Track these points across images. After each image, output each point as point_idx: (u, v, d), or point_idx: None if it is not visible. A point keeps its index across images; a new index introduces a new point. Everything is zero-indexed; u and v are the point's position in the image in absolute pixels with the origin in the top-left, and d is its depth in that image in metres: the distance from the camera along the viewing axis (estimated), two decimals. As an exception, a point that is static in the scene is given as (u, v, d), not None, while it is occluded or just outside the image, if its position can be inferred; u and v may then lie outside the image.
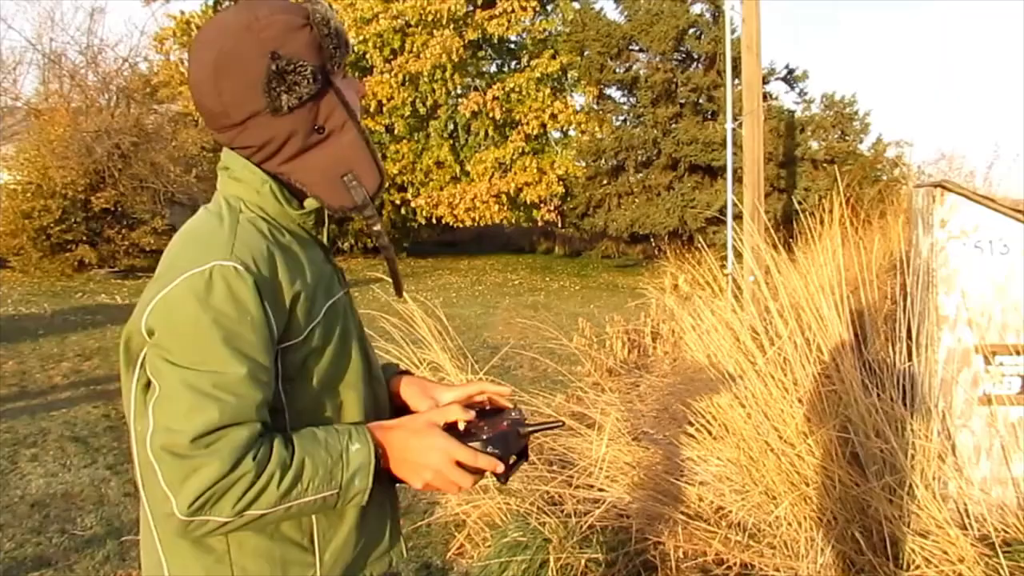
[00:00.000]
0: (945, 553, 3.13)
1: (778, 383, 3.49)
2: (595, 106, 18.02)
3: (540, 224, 19.63)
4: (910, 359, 3.65)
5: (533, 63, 18.31)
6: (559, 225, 19.13)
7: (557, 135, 19.21)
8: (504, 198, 18.28)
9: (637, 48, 16.92)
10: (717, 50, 15.68)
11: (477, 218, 18.55)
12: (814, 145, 15.70)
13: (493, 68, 20.32)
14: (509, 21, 17.85)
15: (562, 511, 3.77)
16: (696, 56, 16.52)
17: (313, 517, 1.20)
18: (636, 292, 13.45)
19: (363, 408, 1.28)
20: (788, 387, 3.50)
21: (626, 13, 17.11)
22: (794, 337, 3.58)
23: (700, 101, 16.37)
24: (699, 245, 16.34)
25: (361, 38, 18.07)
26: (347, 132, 1.21)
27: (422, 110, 18.68)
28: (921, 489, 3.25)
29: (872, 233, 6.94)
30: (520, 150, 18.24)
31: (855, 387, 3.45)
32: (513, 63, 20.16)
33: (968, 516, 3.38)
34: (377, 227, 1.28)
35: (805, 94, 16.44)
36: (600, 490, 3.88)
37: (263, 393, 1.11)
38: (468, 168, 18.79)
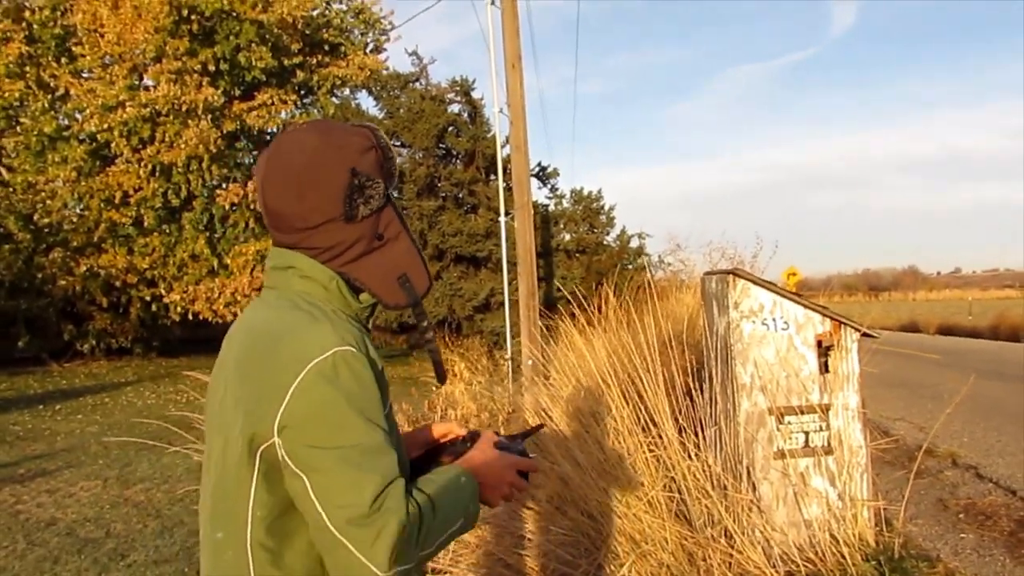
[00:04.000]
0: (764, 590, 3.60)
1: (616, 450, 3.86)
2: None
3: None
4: (715, 423, 4.19)
5: (295, 156, 18.26)
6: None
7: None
8: (267, 291, 17.81)
9: (399, 143, 17.54)
10: (476, 147, 16.70)
11: (239, 313, 17.82)
12: (567, 237, 17.04)
13: (250, 160, 20.01)
14: (269, 114, 17.77)
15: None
16: (455, 153, 17.42)
17: None
18: (410, 381, 13.66)
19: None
20: (622, 455, 3.88)
21: (386, 110, 17.73)
22: (620, 410, 3.99)
23: (461, 195, 17.22)
24: (468, 332, 16.88)
25: (105, 126, 17.05)
26: (402, 240, 1.38)
27: (175, 201, 17.86)
28: (739, 536, 3.73)
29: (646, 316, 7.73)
30: (283, 242, 17.95)
31: (677, 451, 3.90)
32: (272, 155, 19.98)
33: (773, 556, 3.90)
34: (425, 323, 1.43)
35: (557, 189, 17.90)
36: (445, 573, 4.00)
37: (395, 452, 1.24)
38: (227, 261, 18.13)
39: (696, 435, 4.02)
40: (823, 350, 4.13)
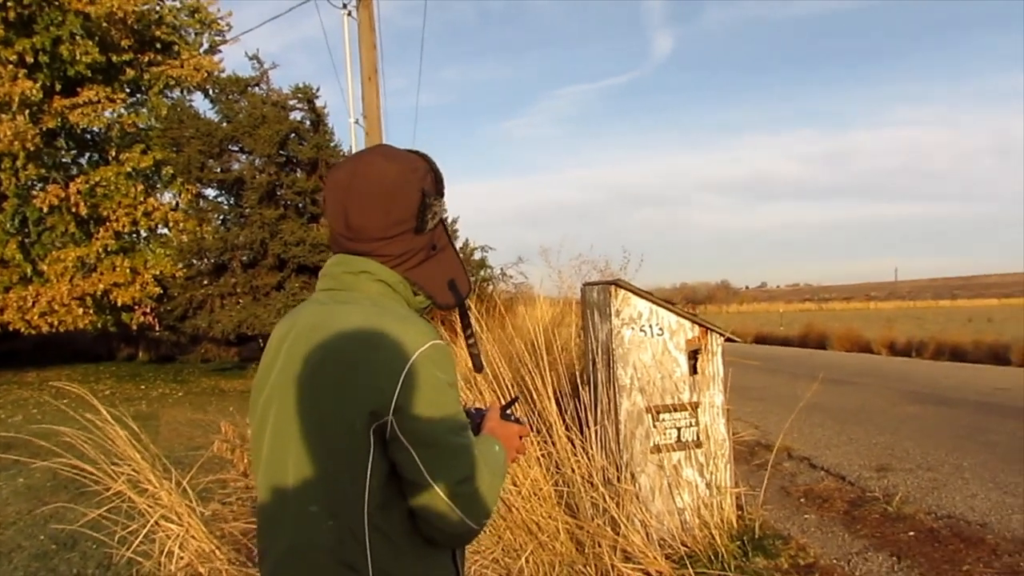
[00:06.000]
0: (647, 572, 3.91)
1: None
2: (197, 205, 17.50)
3: (134, 329, 18.14)
4: (596, 423, 4.48)
5: (123, 157, 17.24)
6: (155, 328, 17.91)
7: (151, 233, 18.21)
8: (89, 300, 16.68)
9: (238, 149, 16.98)
10: (319, 156, 16.45)
11: (56, 323, 16.59)
12: (411, 247, 17.05)
13: (70, 160, 18.68)
14: (95, 112, 16.69)
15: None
16: (297, 161, 17.07)
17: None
18: (247, 395, 13.22)
19: None
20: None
21: (224, 114, 17.11)
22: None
23: (303, 204, 16.87)
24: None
25: (-100, 116, 15.42)
26: (449, 250, 1.60)
27: (-16, 201, 16.43)
28: (624, 524, 4.03)
29: (506, 326, 7.99)
30: (107, 248, 16.90)
31: (566, 448, 4.16)
32: (95, 156, 18.76)
33: (651, 541, 4.23)
34: (468, 321, 1.67)
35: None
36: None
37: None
38: (42, 267, 16.82)
39: (581, 433, 4.29)
40: (692, 353, 4.53)
